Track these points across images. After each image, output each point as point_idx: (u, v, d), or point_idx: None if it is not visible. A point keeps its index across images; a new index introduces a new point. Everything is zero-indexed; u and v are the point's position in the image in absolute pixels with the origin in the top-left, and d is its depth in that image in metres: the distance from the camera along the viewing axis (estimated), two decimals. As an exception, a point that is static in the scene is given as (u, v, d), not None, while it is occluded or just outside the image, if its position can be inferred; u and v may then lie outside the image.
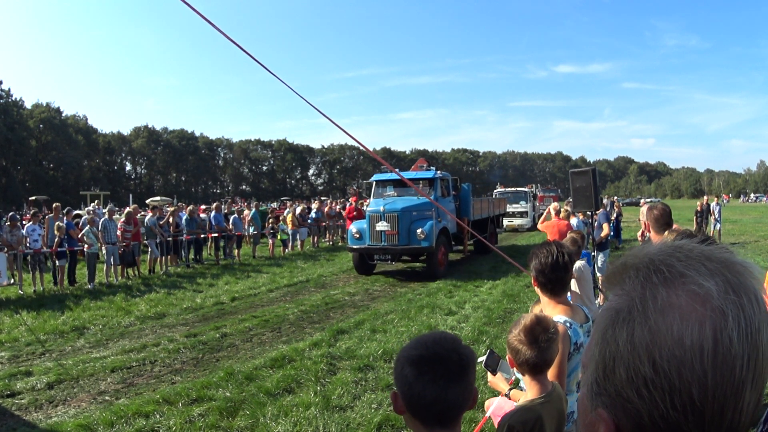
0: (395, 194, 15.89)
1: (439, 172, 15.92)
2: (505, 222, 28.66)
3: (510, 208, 28.90)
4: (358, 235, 14.87)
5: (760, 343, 0.62)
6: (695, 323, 0.61)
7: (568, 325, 2.54)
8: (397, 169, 9.54)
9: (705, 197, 23.60)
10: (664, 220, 4.49)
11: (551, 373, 2.34)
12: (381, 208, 14.35)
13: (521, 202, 31.66)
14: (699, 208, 21.31)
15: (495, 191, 32.76)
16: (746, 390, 0.61)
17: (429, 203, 14.27)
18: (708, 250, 0.67)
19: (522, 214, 31.28)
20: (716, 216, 20.73)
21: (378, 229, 14.33)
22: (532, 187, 35.56)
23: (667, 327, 0.62)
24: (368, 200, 16.90)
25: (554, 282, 2.69)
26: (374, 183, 16.73)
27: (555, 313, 2.62)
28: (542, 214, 29.92)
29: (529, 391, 2.29)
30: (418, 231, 13.89)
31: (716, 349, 0.60)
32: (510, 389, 2.63)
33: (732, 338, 0.60)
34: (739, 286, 0.63)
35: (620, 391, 0.65)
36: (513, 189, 34.64)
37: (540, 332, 2.21)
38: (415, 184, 15.18)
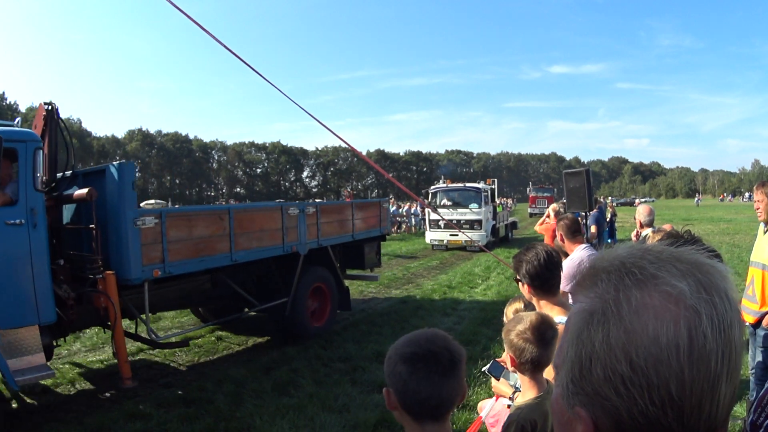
0: None
1: None
2: (446, 237, 20.53)
3: (455, 215, 20.56)
4: None
5: (733, 339, 0.65)
6: (670, 322, 0.63)
7: None
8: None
9: None
10: (574, 227, 5.16)
11: (549, 373, 2.32)
12: None
13: (472, 206, 20.83)
14: None
15: (431, 188, 22.94)
16: (722, 383, 0.64)
17: None
18: (677, 252, 0.70)
19: (472, 225, 20.38)
20: None
21: None
22: (492, 182, 23.94)
23: (643, 327, 0.64)
24: None
25: (548, 281, 2.69)
26: None
27: (552, 314, 2.58)
28: (513, 223, 27.48)
29: (529, 391, 2.29)
30: None
31: (692, 346, 0.63)
32: (514, 392, 2.64)
33: (706, 335, 0.63)
34: (710, 285, 0.66)
35: (598, 389, 0.67)
36: (458, 186, 23.03)
37: (546, 329, 2.22)
38: None
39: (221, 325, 8.97)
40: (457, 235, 19.85)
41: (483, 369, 2.62)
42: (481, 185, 22.16)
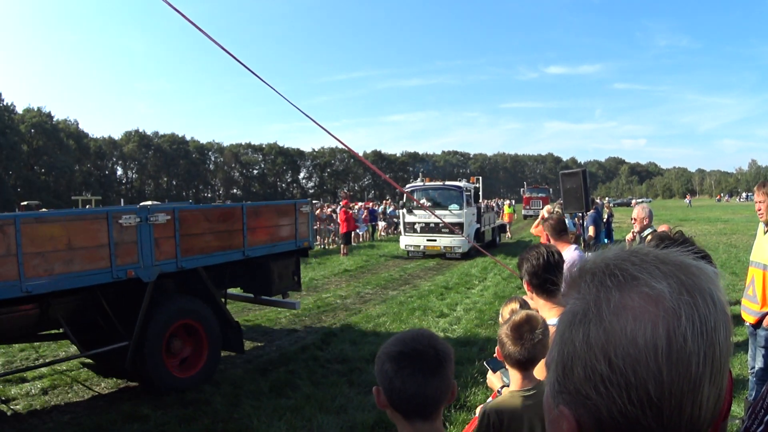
0: None
1: None
2: (423, 242, 18.50)
3: (433, 217, 16.90)
4: None
5: (717, 341, 0.65)
6: (648, 323, 0.64)
7: None
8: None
9: None
10: (559, 227, 5.09)
11: (542, 374, 2.32)
12: None
13: (452, 207, 18.35)
14: None
15: (406, 186, 20.45)
16: (704, 385, 0.64)
17: None
18: (663, 254, 0.70)
19: (453, 228, 16.60)
20: None
21: None
22: (476, 180, 21.45)
23: (621, 327, 0.65)
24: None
25: (548, 283, 2.71)
26: None
27: (551, 315, 2.61)
28: (501, 226, 26.33)
29: (513, 384, 2.34)
30: None
31: (670, 347, 0.63)
32: (502, 387, 2.67)
33: (686, 337, 0.63)
34: (693, 287, 0.66)
35: (579, 388, 0.68)
36: (437, 184, 20.38)
37: (526, 331, 2.25)
38: None
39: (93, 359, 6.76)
40: (435, 240, 18.34)
41: (484, 362, 2.71)
42: (462, 183, 19.89)
